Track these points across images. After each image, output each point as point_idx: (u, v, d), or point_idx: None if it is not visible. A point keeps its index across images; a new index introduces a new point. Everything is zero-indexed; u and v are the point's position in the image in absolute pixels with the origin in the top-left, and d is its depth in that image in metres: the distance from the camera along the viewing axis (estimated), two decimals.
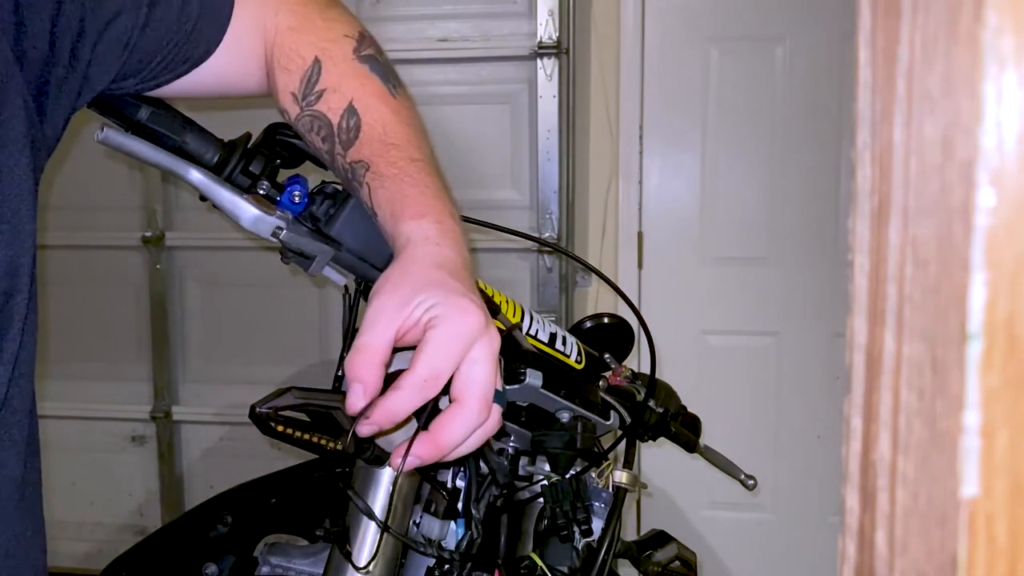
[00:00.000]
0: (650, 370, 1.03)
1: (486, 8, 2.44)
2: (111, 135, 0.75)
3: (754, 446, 2.55)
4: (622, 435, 1.01)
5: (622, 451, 1.02)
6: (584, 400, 0.96)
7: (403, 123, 0.75)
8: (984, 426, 0.22)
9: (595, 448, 0.97)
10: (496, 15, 2.44)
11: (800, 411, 2.56)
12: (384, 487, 0.86)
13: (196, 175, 0.77)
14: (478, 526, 0.89)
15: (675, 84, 2.53)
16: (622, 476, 0.97)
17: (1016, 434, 0.22)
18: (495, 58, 2.44)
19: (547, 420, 0.94)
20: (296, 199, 0.79)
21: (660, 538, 1.07)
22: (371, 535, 0.85)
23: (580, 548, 0.94)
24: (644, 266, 2.58)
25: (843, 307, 0.28)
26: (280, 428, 0.66)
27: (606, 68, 2.52)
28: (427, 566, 0.93)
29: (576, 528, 0.92)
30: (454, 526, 0.91)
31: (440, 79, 2.48)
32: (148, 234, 2.55)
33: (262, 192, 0.79)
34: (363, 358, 0.59)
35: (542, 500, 0.93)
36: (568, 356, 0.97)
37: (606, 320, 1.08)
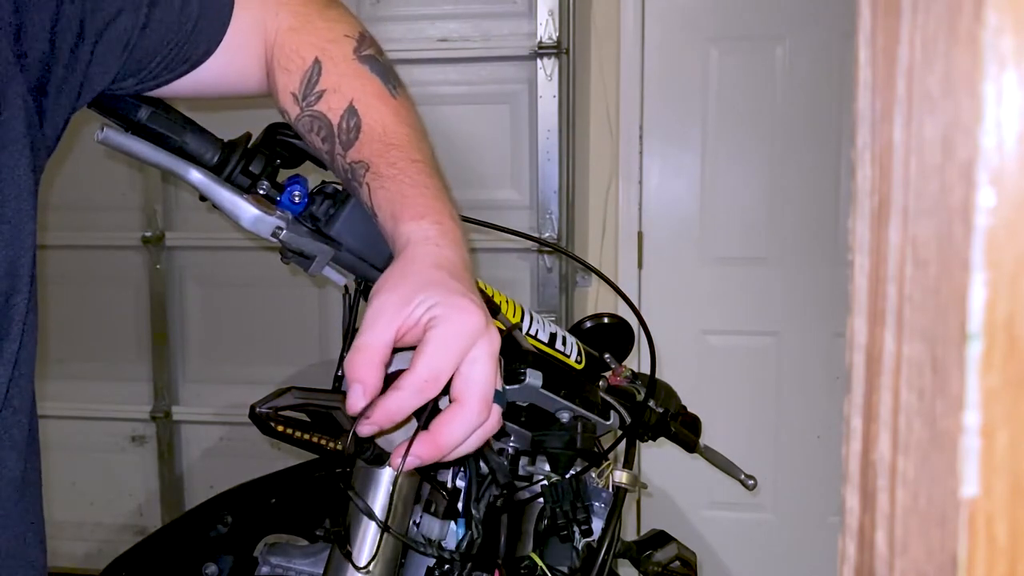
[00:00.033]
0: (650, 370, 1.03)
1: (486, 8, 2.44)
2: (111, 135, 0.75)
3: (754, 446, 2.55)
4: (622, 435, 1.01)
5: (622, 451, 1.02)
6: (584, 400, 0.96)
7: (403, 123, 0.75)
8: (984, 426, 0.22)
9: (595, 448, 0.97)
10: (496, 15, 2.44)
11: (800, 411, 2.56)
12: (384, 487, 0.86)
13: (196, 175, 0.77)
14: (478, 526, 0.89)
15: (675, 84, 2.53)
16: (622, 476, 0.97)
17: (1016, 434, 0.22)
18: (495, 58, 2.44)
19: (547, 420, 0.94)
20: (296, 199, 0.79)
21: (660, 538, 1.07)
22: (371, 535, 0.85)
23: (580, 548, 0.94)
24: (644, 266, 2.58)
25: (843, 307, 0.28)
26: (280, 428, 0.66)
27: (606, 68, 2.52)
28: (427, 566, 0.93)
29: (576, 528, 0.92)
30: (454, 526, 0.91)
31: (440, 79, 2.48)
32: (148, 234, 2.55)
33: (262, 192, 0.79)
34: (363, 358, 0.59)
35: (542, 500, 0.93)
36: (568, 356, 0.97)
37: (606, 320, 1.08)
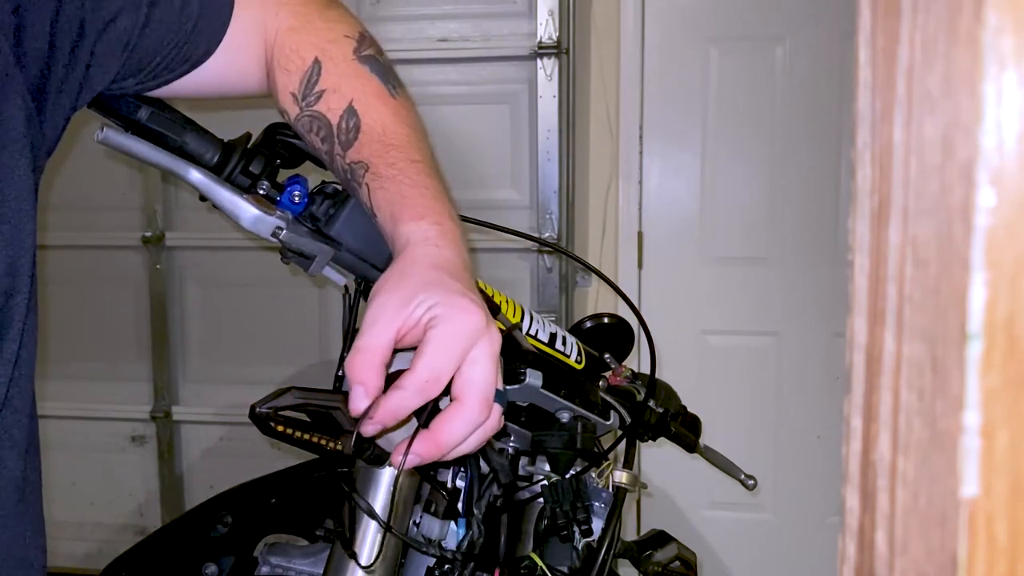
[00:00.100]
0: (650, 370, 1.03)
1: (486, 8, 2.44)
2: (111, 135, 0.75)
3: (754, 446, 2.55)
4: (622, 435, 1.01)
5: (622, 451, 1.02)
6: (584, 400, 0.96)
7: (403, 124, 0.75)
8: (984, 426, 0.22)
9: (595, 448, 0.97)
10: (496, 15, 2.44)
11: (800, 411, 2.56)
12: (385, 487, 0.86)
13: (196, 175, 0.77)
14: (480, 526, 0.89)
15: (675, 84, 2.52)
16: (622, 476, 0.97)
17: (1016, 434, 0.22)
18: (495, 58, 2.44)
19: (547, 420, 0.94)
20: (296, 199, 0.79)
21: (660, 538, 1.07)
22: (372, 534, 0.85)
23: (580, 548, 0.94)
24: (644, 266, 2.58)
25: (843, 307, 0.28)
26: (280, 428, 0.66)
27: (606, 68, 2.52)
28: (427, 566, 0.93)
29: (576, 528, 0.92)
30: (454, 526, 0.91)
31: (440, 79, 2.48)
32: (148, 234, 2.55)
33: (262, 192, 0.79)
34: (364, 359, 0.59)
35: (542, 500, 0.93)
36: (568, 356, 0.97)
37: (606, 320, 1.08)
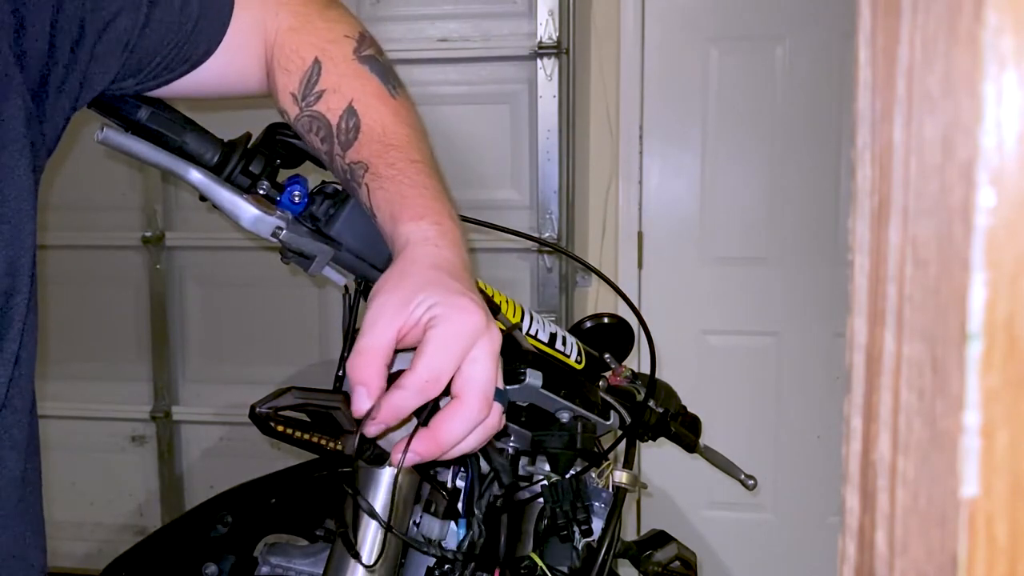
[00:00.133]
0: (650, 370, 1.03)
1: (486, 8, 2.44)
2: (111, 135, 0.75)
3: (754, 446, 2.55)
4: (622, 435, 1.01)
5: (622, 451, 1.02)
6: (584, 400, 0.96)
7: (403, 124, 0.75)
8: (984, 426, 0.22)
9: (595, 448, 0.97)
10: (496, 15, 2.44)
11: (800, 411, 2.56)
12: (385, 487, 0.86)
13: (196, 175, 0.77)
14: (480, 526, 0.89)
15: (675, 84, 2.52)
16: (622, 476, 0.97)
17: (1016, 434, 0.22)
18: (495, 58, 2.44)
19: (547, 420, 0.94)
20: (296, 199, 0.79)
21: (660, 538, 1.07)
22: (372, 534, 0.85)
23: (580, 548, 0.94)
24: (644, 266, 2.58)
25: (843, 307, 0.28)
26: (280, 428, 0.66)
27: (606, 68, 2.52)
28: (427, 566, 0.93)
29: (576, 528, 0.92)
30: (454, 526, 0.91)
31: (440, 79, 2.48)
32: (148, 234, 2.55)
33: (262, 192, 0.79)
34: (365, 360, 0.59)
35: (542, 500, 0.93)
36: (568, 356, 0.97)
37: (606, 320, 1.08)
